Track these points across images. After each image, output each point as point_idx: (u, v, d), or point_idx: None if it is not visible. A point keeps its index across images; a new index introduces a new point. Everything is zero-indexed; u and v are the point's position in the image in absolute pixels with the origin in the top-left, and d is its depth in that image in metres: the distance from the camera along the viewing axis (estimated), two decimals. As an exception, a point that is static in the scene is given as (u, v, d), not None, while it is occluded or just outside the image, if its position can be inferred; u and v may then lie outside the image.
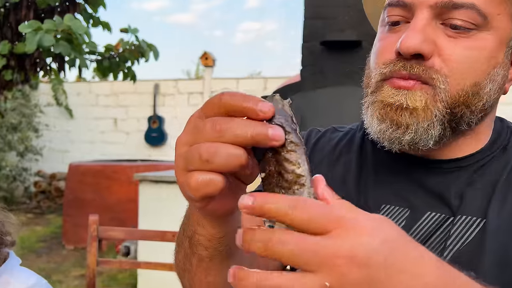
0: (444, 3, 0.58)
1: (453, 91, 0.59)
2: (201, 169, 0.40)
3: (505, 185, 0.65)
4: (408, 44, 0.57)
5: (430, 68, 0.59)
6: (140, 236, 1.55)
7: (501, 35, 0.61)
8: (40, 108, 7.76)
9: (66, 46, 2.42)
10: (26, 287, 0.93)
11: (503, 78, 0.63)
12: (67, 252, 4.78)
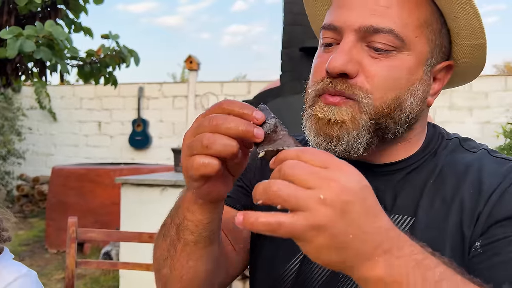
0: (366, 28, 0.65)
1: (376, 104, 0.66)
2: (202, 153, 0.52)
3: (433, 187, 0.72)
4: (334, 64, 0.64)
5: (353, 85, 0.66)
6: (118, 237, 1.60)
7: (419, 55, 0.68)
8: (23, 111, 7.71)
9: (47, 52, 2.45)
10: (17, 276, 0.98)
11: (423, 92, 0.70)
12: (50, 256, 4.78)
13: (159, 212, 1.56)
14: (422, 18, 0.67)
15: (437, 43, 0.70)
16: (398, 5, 0.66)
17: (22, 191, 7.22)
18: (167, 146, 6.57)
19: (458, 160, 0.74)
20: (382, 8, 0.65)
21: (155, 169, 5.01)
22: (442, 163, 0.75)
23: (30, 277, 1.02)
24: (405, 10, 0.66)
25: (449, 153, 0.76)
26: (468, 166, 0.72)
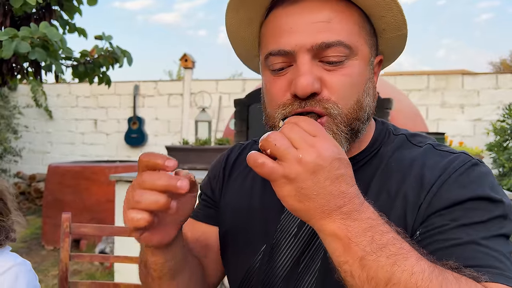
0: (318, 45, 0.69)
1: (346, 112, 0.71)
2: (134, 207, 0.58)
3: (379, 181, 0.77)
4: (304, 87, 0.68)
5: (321, 100, 0.70)
6: (110, 232, 1.66)
7: (364, 58, 0.74)
8: (19, 109, 7.75)
9: (42, 53, 2.50)
10: (12, 264, 1.05)
11: (373, 89, 0.77)
12: (46, 253, 4.82)
13: None
14: (357, 23, 0.72)
15: (372, 43, 0.76)
16: (337, 17, 0.70)
17: (19, 188, 7.24)
18: (162, 143, 6.62)
19: (405, 155, 0.78)
20: (324, 23, 0.69)
21: (150, 166, 5.08)
22: (387, 158, 0.79)
23: (24, 266, 1.09)
24: (344, 20, 0.71)
25: (397, 149, 0.80)
26: (412, 161, 0.76)
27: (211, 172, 0.98)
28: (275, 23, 0.73)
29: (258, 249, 0.82)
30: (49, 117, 7.93)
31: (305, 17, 0.70)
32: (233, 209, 0.89)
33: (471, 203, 0.68)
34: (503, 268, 0.63)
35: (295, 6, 0.71)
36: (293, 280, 0.78)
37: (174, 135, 7.02)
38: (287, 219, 0.82)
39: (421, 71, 7.52)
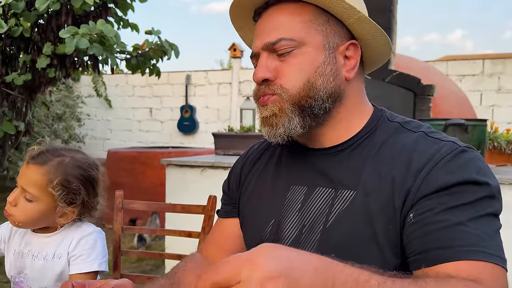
0: (266, 44, 0.86)
1: (292, 92, 0.85)
2: None
3: (372, 164, 0.84)
4: (256, 76, 0.87)
5: (271, 85, 0.87)
6: (156, 208, 1.87)
7: (315, 45, 0.86)
8: (82, 99, 8.21)
9: (99, 48, 2.78)
10: (93, 230, 1.24)
11: (332, 70, 0.86)
12: (106, 230, 5.13)
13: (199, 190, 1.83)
14: (306, 19, 0.86)
15: (329, 31, 0.87)
16: (284, 20, 0.86)
17: None
18: (212, 130, 6.87)
19: (398, 141, 0.84)
20: (272, 27, 0.87)
21: (199, 152, 5.32)
22: (381, 143, 0.86)
23: (101, 233, 1.29)
24: (291, 20, 0.86)
25: (392, 134, 0.87)
26: (404, 146, 0.82)
27: (231, 170, 1.13)
28: (255, 32, 0.92)
29: (268, 222, 0.94)
30: (108, 106, 8.37)
31: (264, 25, 0.89)
32: (251, 195, 1.02)
33: (457, 187, 0.74)
34: (485, 246, 0.69)
35: (261, 18, 0.90)
36: (297, 244, 0.89)
37: (223, 123, 7.25)
38: (292, 196, 0.93)
39: (475, 55, 7.20)
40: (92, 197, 1.23)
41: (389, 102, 3.43)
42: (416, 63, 4.68)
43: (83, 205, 1.21)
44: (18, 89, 3.42)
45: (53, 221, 1.20)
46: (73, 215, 1.20)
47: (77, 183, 1.19)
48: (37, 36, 3.21)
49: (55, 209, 1.18)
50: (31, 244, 1.23)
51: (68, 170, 1.19)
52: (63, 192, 1.17)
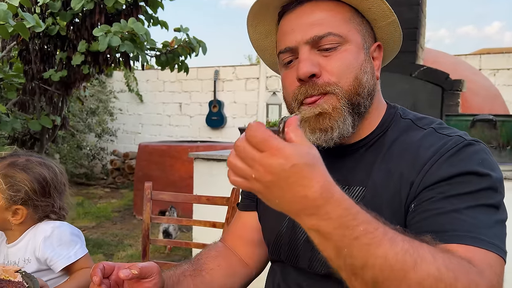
0: (312, 38, 0.84)
1: (345, 89, 0.84)
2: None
3: (383, 161, 0.86)
4: (302, 71, 0.83)
5: (322, 85, 0.83)
6: (182, 199, 1.95)
7: (356, 43, 0.86)
8: (114, 94, 8.43)
9: (130, 45, 2.89)
10: (52, 226, 1.32)
11: (371, 69, 0.88)
12: (137, 221, 5.36)
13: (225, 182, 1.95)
14: (346, 17, 0.86)
15: (364, 31, 0.88)
16: (326, 15, 0.85)
17: (115, 165, 7.95)
18: (239, 125, 6.93)
19: (409, 138, 0.86)
20: (315, 22, 0.85)
21: (226, 146, 5.41)
22: (392, 141, 0.88)
23: (62, 226, 1.33)
24: (332, 16, 0.85)
25: (403, 132, 0.88)
26: (412, 143, 0.85)
27: None
28: (281, 29, 0.90)
29: (284, 217, 0.96)
30: (140, 101, 8.53)
31: (302, 19, 0.86)
32: None
33: (458, 178, 0.75)
34: (480, 233, 0.70)
35: (294, 12, 0.87)
36: (311, 243, 0.92)
37: (250, 118, 7.31)
38: None
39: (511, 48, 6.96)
40: (40, 196, 1.30)
41: (415, 98, 3.40)
42: (445, 57, 4.59)
43: (34, 205, 1.29)
44: (55, 85, 3.59)
45: (7, 220, 1.29)
46: (24, 214, 1.28)
47: (22, 180, 1.27)
48: (72, 34, 3.35)
49: (6, 209, 1.28)
50: (8, 256, 1.33)
51: (17, 170, 1.29)
52: (7, 188, 1.26)
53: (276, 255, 1.00)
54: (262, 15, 0.93)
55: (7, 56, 3.85)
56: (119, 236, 4.67)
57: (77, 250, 1.30)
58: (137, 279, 0.84)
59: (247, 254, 1.12)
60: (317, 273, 0.90)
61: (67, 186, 1.42)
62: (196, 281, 1.01)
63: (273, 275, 1.03)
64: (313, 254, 0.90)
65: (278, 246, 0.99)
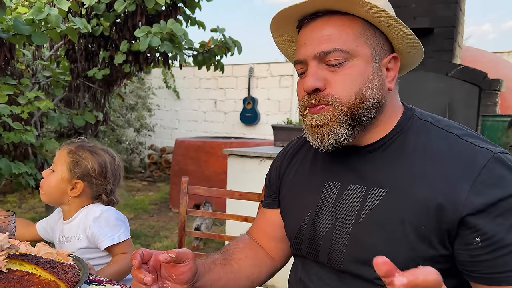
0: (319, 53, 0.88)
1: (344, 102, 0.88)
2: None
3: (405, 163, 0.89)
4: (307, 85, 0.89)
5: (323, 96, 0.89)
6: (216, 194, 2.05)
7: (365, 58, 0.88)
8: (152, 90, 8.63)
9: (169, 45, 3.02)
10: (100, 210, 1.47)
11: (379, 82, 0.90)
12: (173, 214, 5.51)
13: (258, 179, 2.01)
14: (356, 32, 0.88)
15: (376, 44, 0.90)
16: (336, 30, 0.88)
17: (152, 159, 8.18)
18: (273, 122, 6.98)
19: (432, 142, 0.88)
20: (325, 37, 0.88)
21: (259, 143, 5.49)
22: (412, 143, 0.90)
23: (110, 210, 1.50)
24: (342, 32, 0.88)
25: (425, 133, 0.90)
26: (438, 149, 0.86)
27: (272, 165, 1.22)
28: (298, 41, 0.95)
29: (305, 215, 1.02)
30: (177, 97, 8.72)
31: (313, 34, 0.90)
32: (290, 188, 1.11)
33: (506, 201, 0.78)
34: None
35: (308, 27, 0.92)
36: (330, 240, 0.95)
37: (284, 114, 7.35)
38: (327, 191, 0.99)
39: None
40: (99, 176, 1.48)
41: (451, 97, 3.36)
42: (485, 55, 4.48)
43: (90, 182, 1.46)
44: (98, 82, 3.78)
45: (66, 192, 1.46)
46: (81, 188, 1.45)
47: (85, 158, 1.46)
48: (115, 34, 3.53)
49: (68, 181, 1.45)
50: (63, 231, 1.48)
51: (84, 150, 1.48)
52: (72, 163, 1.44)
53: (298, 250, 1.05)
54: (285, 25, 0.98)
55: (54, 55, 4.09)
56: (155, 227, 4.83)
57: (121, 233, 1.43)
58: (173, 263, 0.93)
59: (271, 249, 1.20)
60: (336, 268, 0.95)
61: (122, 177, 1.60)
62: (225, 270, 1.08)
63: (295, 269, 1.09)
64: (331, 249, 0.95)
65: (299, 242, 1.03)
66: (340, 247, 0.93)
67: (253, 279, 1.14)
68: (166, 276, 0.96)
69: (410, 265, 0.82)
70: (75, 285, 0.94)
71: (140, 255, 0.90)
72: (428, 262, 0.84)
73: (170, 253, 0.90)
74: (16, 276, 0.89)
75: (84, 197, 1.49)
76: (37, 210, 5.43)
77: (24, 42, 2.83)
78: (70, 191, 1.46)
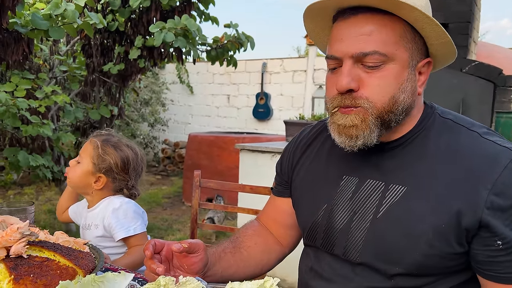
0: (357, 54, 0.85)
1: (377, 106, 0.86)
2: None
3: (425, 161, 0.89)
4: (340, 85, 0.87)
5: (356, 98, 0.87)
6: (228, 187, 2.08)
7: (402, 62, 0.86)
8: (166, 85, 8.70)
9: (183, 41, 3.05)
10: (120, 202, 1.52)
11: (412, 87, 0.89)
12: (186, 208, 5.56)
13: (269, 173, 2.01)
14: (397, 34, 0.85)
15: (414, 48, 0.87)
16: (377, 30, 0.84)
17: (166, 153, 8.25)
18: (286, 117, 6.98)
19: (454, 141, 0.88)
20: (365, 36, 0.84)
21: (271, 138, 5.51)
22: (435, 140, 0.90)
23: (129, 203, 1.55)
24: (383, 32, 0.84)
25: (447, 131, 0.90)
26: (461, 148, 0.87)
27: (283, 152, 1.21)
28: (333, 33, 0.91)
29: (321, 207, 1.02)
30: (190, 92, 8.75)
31: (352, 30, 0.86)
32: (304, 177, 1.11)
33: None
34: None
35: (347, 21, 0.87)
36: (347, 233, 0.96)
37: (297, 110, 7.35)
38: (344, 185, 0.99)
39: None
40: (121, 171, 1.54)
41: (465, 93, 3.34)
42: (501, 51, 4.42)
43: (113, 177, 1.52)
44: (113, 77, 3.84)
45: (90, 184, 1.52)
46: (104, 182, 1.52)
47: (110, 154, 1.52)
48: (130, 30, 3.58)
49: (92, 174, 1.51)
50: (87, 219, 1.54)
51: (109, 146, 1.54)
52: (97, 157, 1.51)
53: (311, 241, 1.07)
54: (320, 14, 0.93)
55: (71, 50, 4.16)
56: (168, 221, 4.89)
57: (137, 226, 1.48)
58: (185, 253, 0.96)
59: (280, 235, 1.22)
60: (351, 261, 0.96)
61: (143, 171, 1.65)
62: (235, 258, 1.12)
63: (306, 257, 1.11)
64: (348, 243, 0.96)
65: (314, 233, 1.04)
66: (357, 241, 0.94)
67: (263, 265, 1.17)
68: (178, 266, 0.99)
69: (426, 261, 0.85)
70: (91, 271, 0.98)
71: (152, 245, 0.93)
72: (444, 259, 0.86)
73: (183, 243, 0.94)
74: (36, 262, 0.93)
75: (106, 190, 1.55)
76: (53, 202, 5.55)
77: (42, 37, 2.90)
78: (94, 184, 1.52)
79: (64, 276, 0.90)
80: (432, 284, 0.90)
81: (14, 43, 2.47)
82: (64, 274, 0.92)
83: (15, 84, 3.15)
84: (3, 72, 4.35)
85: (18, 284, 0.85)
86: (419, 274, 0.88)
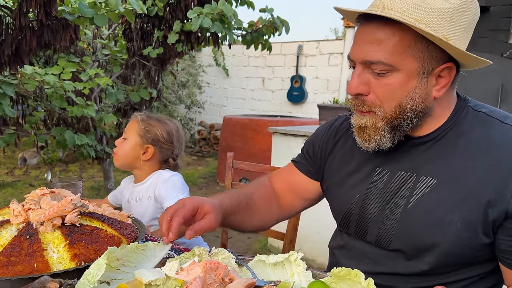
0: (365, 61, 0.90)
1: (387, 113, 0.92)
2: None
3: (457, 154, 0.92)
4: (350, 88, 0.94)
5: (369, 104, 0.92)
6: (258, 169, 2.17)
7: (409, 71, 0.88)
8: (203, 68, 8.80)
9: (219, 26, 3.12)
10: (171, 174, 1.65)
11: (422, 94, 0.90)
12: (220, 188, 5.71)
13: None
14: (405, 44, 0.86)
15: (427, 57, 0.87)
16: (386, 39, 0.87)
17: (202, 135, 8.43)
18: (320, 101, 6.93)
19: (486, 133, 0.91)
20: (373, 45, 0.88)
21: (304, 122, 5.53)
22: (468, 134, 0.92)
23: (177, 175, 1.68)
24: (391, 42, 0.86)
25: (479, 125, 0.92)
26: (492, 140, 0.89)
27: (316, 135, 1.25)
28: (355, 34, 0.96)
29: (354, 197, 1.07)
30: (226, 75, 8.84)
31: (365, 36, 0.90)
32: (337, 168, 1.15)
33: None
34: None
35: (363, 26, 0.92)
36: (379, 222, 1.01)
37: (332, 94, 7.29)
38: (377, 177, 1.04)
39: None
40: (166, 141, 1.67)
41: (505, 79, 3.25)
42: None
43: (160, 147, 1.65)
44: (152, 60, 3.98)
45: (138, 156, 1.64)
46: (151, 152, 1.64)
47: (154, 126, 1.65)
48: (168, 15, 3.68)
49: (140, 146, 1.63)
50: (133, 193, 1.67)
51: (152, 119, 1.67)
52: (144, 130, 1.63)
53: (345, 228, 1.13)
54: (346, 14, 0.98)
55: (112, 34, 4.33)
56: (203, 200, 5.08)
57: (184, 196, 1.61)
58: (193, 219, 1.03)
59: (288, 201, 1.29)
60: (383, 247, 1.01)
61: (183, 145, 1.80)
62: (244, 215, 1.20)
63: (338, 236, 1.18)
64: (380, 231, 1.01)
65: (348, 221, 1.10)
66: (389, 230, 0.99)
67: (262, 224, 1.27)
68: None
69: (454, 251, 0.90)
70: (134, 240, 1.10)
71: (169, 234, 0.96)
72: (471, 250, 0.91)
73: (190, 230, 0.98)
74: (87, 230, 1.05)
75: (154, 161, 1.69)
76: (96, 179, 5.85)
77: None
78: (142, 155, 1.67)
79: (111, 243, 1.02)
80: (457, 271, 0.95)
81: (62, 29, 2.63)
82: (110, 241, 1.04)
83: (62, 67, 3.34)
84: (50, 55, 4.59)
85: (72, 248, 0.97)
86: (446, 263, 0.93)
